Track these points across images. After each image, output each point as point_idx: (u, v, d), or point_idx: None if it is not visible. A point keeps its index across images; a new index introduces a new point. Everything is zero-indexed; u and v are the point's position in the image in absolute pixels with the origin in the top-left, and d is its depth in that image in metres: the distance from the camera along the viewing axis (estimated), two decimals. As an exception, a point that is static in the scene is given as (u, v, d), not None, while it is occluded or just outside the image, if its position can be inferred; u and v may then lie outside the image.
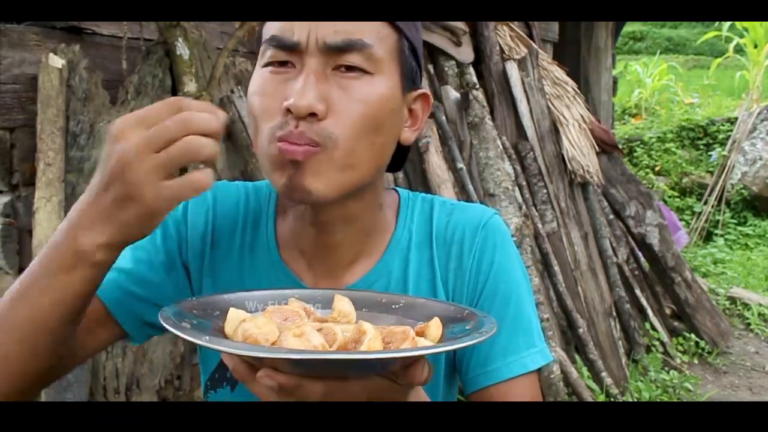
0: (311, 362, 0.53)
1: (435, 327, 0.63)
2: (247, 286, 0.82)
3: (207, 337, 0.54)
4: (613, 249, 3.57)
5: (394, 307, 0.72)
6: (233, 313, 0.62)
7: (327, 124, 0.69)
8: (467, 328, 0.63)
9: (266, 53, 0.73)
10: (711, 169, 6.99)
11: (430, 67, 3.08)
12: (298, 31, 0.70)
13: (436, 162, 2.78)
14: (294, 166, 0.69)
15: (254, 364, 0.56)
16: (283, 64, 0.72)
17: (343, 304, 0.68)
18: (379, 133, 0.73)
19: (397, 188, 0.90)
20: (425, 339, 0.61)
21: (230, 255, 0.85)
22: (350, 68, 0.71)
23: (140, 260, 0.82)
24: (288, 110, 0.68)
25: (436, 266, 0.83)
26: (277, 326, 0.59)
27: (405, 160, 0.87)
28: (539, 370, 0.83)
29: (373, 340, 0.55)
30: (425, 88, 0.86)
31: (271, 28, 0.73)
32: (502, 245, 0.84)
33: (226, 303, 0.69)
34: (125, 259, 0.82)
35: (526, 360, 0.81)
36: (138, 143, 0.58)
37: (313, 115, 0.68)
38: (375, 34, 0.72)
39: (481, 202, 2.84)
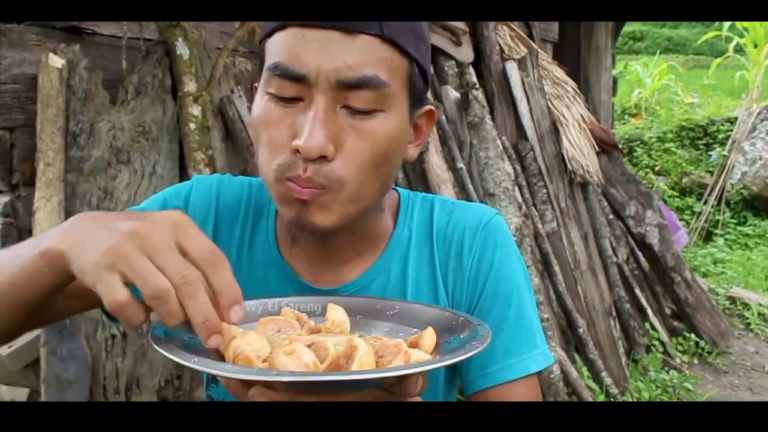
0: (302, 384, 0.53)
1: (429, 337, 0.62)
2: (244, 280, 0.82)
3: (196, 359, 0.54)
4: (613, 249, 3.57)
5: (389, 314, 0.71)
6: (225, 329, 0.62)
7: (335, 167, 0.68)
8: (462, 337, 0.63)
9: (270, 81, 0.69)
10: (711, 169, 6.99)
11: (430, 67, 3.08)
12: (306, 62, 0.67)
13: (436, 162, 2.78)
14: (301, 203, 0.69)
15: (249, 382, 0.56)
16: (289, 100, 0.69)
17: (336, 313, 0.68)
18: (386, 166, 0.73)
19: (397, 188, 0.90)
20: (418, 350, 0.60)
21: (229, 248, 0.85)
22: (359, 112, 0.68)
23: None
24: (297, 151, 0.67)
25: (437, 265, 0.83)
26: (270, 340, 0.59)
27: None
28: (539, 372, 0.82)
29: (365, 356, 0.55)
30: (430, 101, 0.86)
31: (275, 51, 0.69)
32: (503, 245, 0.83)
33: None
34: None
35: (527, 362, 0.80)
36: (137, 259, 0.54)
37: (322, 157, 0.67)
38: (388, 67, 0.69)
39: (481, 202, 2.84)
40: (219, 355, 0.59)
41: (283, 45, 0.68)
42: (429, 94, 2.97)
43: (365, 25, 0.67)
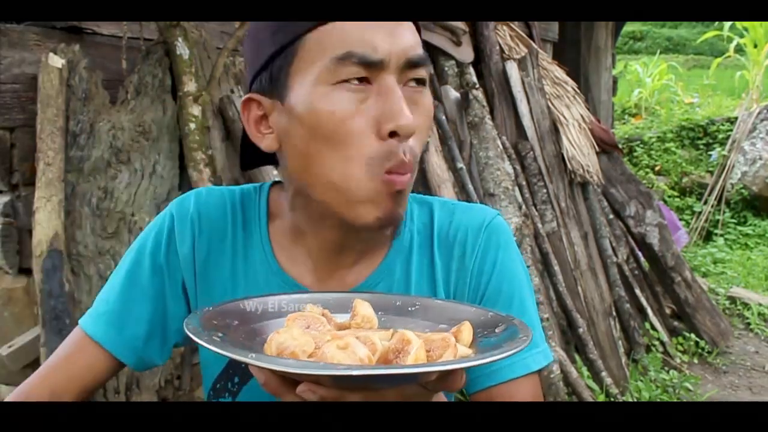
0: (364, 378, 0.50)
1: (467, 331, 0.61)
2: (242, 292, 0.82)
3: (253, 355, 0.52)
4: (613, 249, 3.57)
5: (410, 310, 0.70)
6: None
7: (414, 144, 0.70)
8: (497, 331, 0.62)
9: (340, 70, 0.68)
10: (711, 168, 6.98)
11: (430, 67, 3.08)
12: (381, 47, 0.68)
13: (435, 162, 2.78)
14: (396, 196, 0.69)
15: (290, 378, 0.54)
16: (360, 80, 0.69)
17: (364, 308, 0.66)
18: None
19: None
20: (460, 345, 0.59)
21: (222, 261, 0.83)
22: (419, 82, 0.72)
23: (133, 299, 0.84)
24: (394, 133, 0.67)
25: (438, 267, 0.83)
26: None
27: None
28: (540, 370, 0.83)
29: (420, 350, 0.53)
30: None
31: (343, 42, 0.68)
32: (505, 246, 0.84)
33: (241, 311, 0.67)
34: (120, 300, 0.84)
35: (528, 360, 0.81)
36: None
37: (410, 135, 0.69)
38: (421, 46, 0.74)
39: (481, 202, 2.84)
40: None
41: (347, 34, 0.68)
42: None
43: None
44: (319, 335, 0.59)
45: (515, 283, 0.83)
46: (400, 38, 0.70)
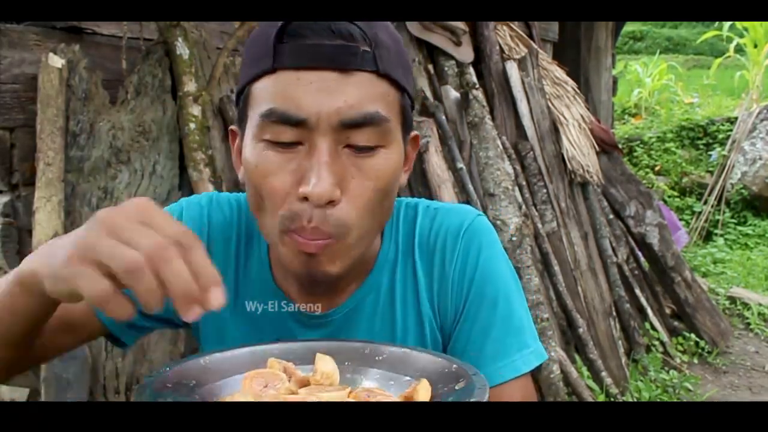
0: None
1: (423, 391, 0.60)
2: (241, 302, 0.82)
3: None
4: (613, 249, 3.57)
5: (378, 359, 0.69)
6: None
7: (341, 211, 0.67)
8: (457, 388, 0.61)
9: (265, 128, 0.67)
10: (711, 168, 6.98)
11: (430, 67, 3.08)
12: (306, 105, 0.65)
13: (435, 162, 2.78)
14: (309, 256, 0.68)
15: None
16: (288, 145, 0.66)
17: (325, 364, 0.65)
18: (388, 201, 0.73)
19: None
20: None
21: (227, 271, 0.83)
22: (361, 149, 0.67)
23: None
24: (305, 198, 0.65)
25: (420, 275, 0.82)
26: (257, 397, 0.58)
27: None
28: (532, 371, 0.81)
29: None
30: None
31: (267, 97, 0.66)
32: (487, 247, 0.82)
33: (201, 368, 0.66)
34: None
35: (517, 363, 0.79)
36: (93, 245, 0.52)
37: (329, 202, 0.66)
38: (385, 102, 0.68)
39: (481, 202, 2.84)
40: None
41: (277, 89, 0.66)
42: (429, 94, 2.97)
43: (361, 62, 0.66)
44: (277, 395, 0.59)
45: (499, 284, 0.81)
46: (334, 96, 0.64)
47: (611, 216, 3.71)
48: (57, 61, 2.00)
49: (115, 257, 0.51)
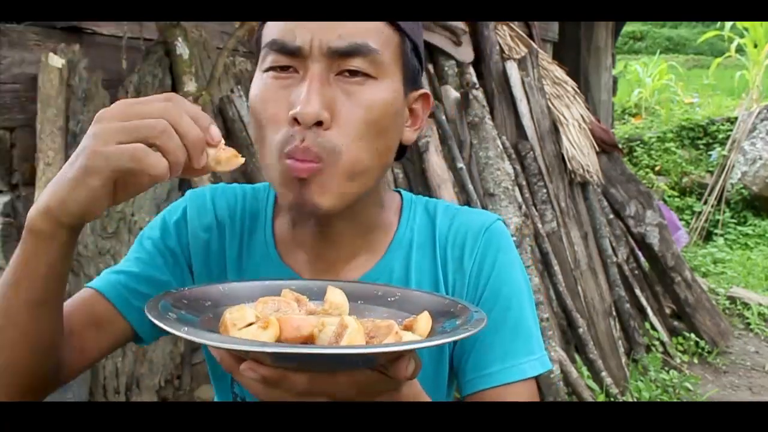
0: (283, 356, 0.53)
1: (424, 321, 0.62)
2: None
3: (186, 329, 0.54)
4: (613, 249, 3.57)
5: (390, 300, 0.72)
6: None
7: (331, 135, 0.69)
8: (457, 323, 0.63)
9: (267, 58, 0.72)
10: (711, 168, 6.98)
11: (430, 67, 3.08)
12: (300, 34, 0.69)
13: (435, 162, 2.78)
14: (300, 182, 0.70)
15: (241, 356, 0.56)
16: (284, 69, 0.71)
17: (335, 295, 0.68)
18: (382, 138, 0.73)
19: (400, 190, 0.90)
20: (412, 333, 0.60)
21: (230, 255, 0.85)
22: (354, 73, 0.71)
23: (143, 261, 0.83)
24: (294, 119, 0.68)
25: (438, 267, 0.83)
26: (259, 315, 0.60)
27: (404, 155, 0.87)
28: (537, 378, 0.82)
29: (354, 334, 0.55)
30: (425, 87, 0.86)
31: (272, 32, 0.72)
32: (505, 249, 0.83)
33: (219, 293, 0.69)
34: (129, 261, 0.83)
35: (524, 366, 0.80)
36: (111, 129, 0.58)
37: (318, 123, 0.68)
38: (379, 37, 0.71)
39: (481, 202, 2.84)
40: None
41: (279, 24, 0.71)
42: (429, 94, 2.96)
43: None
44: (283, 316, 0.61)
45: (513, 287, 0.82)
46: (328, 28, 0.69)
47: (611, 216, 3.71)
48: (57, 61, 2.00)
49: (142, 127, 0.58)
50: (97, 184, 0.58)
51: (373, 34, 0.71)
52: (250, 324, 0.58)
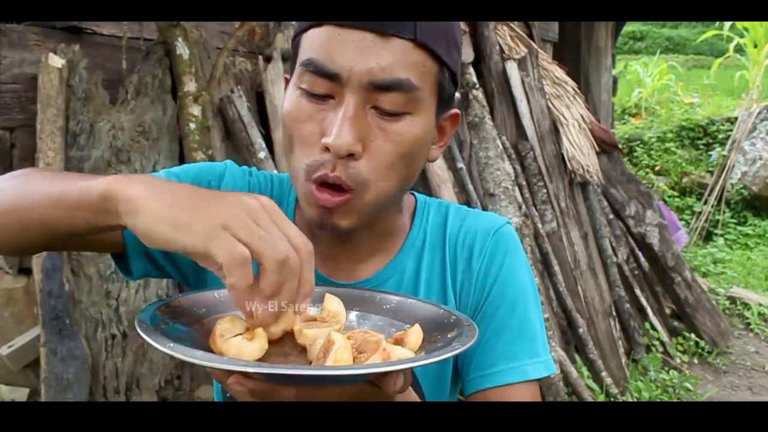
0: (260, 374, 0.52)
1: (414, 335, 0.62)
2: None
3: (171, 344, 0.53)
4: (613, 249, 3.57)
5: (385, 308, 0.72)
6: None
7: (361, 167, 0.69)
8: (449, 336, 0.63)
9: (303, 77, 0.71)
10: (711, 168, 6.98)
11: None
12: (340, 61, 0.67)
13: (436, 162, 2.79)
14: (322, 209, 0.71)
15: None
16: (320, 96, 0.69)
17: (332, 303, 0.68)
18: (410, 168, 0.74)
19: (414, 192, 0.91)
20: (401, 348, 0.60)
21: None
22: (392, 114, 0.69)
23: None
24: (326, 148, 0.68)
25: (447, 267, 0.84)
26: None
27: None
28: (540, 380, 0.82)
29: (341, 351, 0.55)
30: (456, 104, 0.85)
31: (310, 47, 0.70)
32: (513, 252, 0.84)
33: (214, 301, 0.69)
34: None
35: (527, 368, 0.80)
36: (246, 224, 0.56)
37: (350, 155, 0.68)
38: (419, 71, 0.69)
39: (481, 202, 2.84)
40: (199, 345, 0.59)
41: (318, 42, 0.69)
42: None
43: (400, 29, 0.68)
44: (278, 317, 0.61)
45: (519, 289, 0.83)
46: (368, 57, 0.67)
47: (611, 216, 3.71)
48: (57, 61, 2.00)
49: (270, 246, 0.55)
50: (187, 244, 0.55)
51: (413, 68, 0.69)
52: (238, 335, 0.58)
